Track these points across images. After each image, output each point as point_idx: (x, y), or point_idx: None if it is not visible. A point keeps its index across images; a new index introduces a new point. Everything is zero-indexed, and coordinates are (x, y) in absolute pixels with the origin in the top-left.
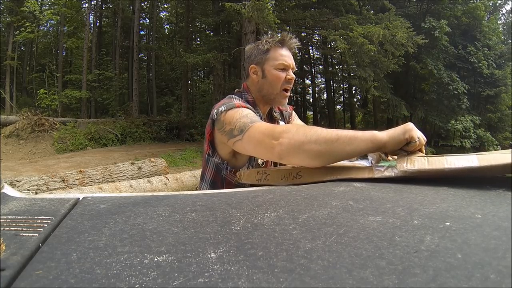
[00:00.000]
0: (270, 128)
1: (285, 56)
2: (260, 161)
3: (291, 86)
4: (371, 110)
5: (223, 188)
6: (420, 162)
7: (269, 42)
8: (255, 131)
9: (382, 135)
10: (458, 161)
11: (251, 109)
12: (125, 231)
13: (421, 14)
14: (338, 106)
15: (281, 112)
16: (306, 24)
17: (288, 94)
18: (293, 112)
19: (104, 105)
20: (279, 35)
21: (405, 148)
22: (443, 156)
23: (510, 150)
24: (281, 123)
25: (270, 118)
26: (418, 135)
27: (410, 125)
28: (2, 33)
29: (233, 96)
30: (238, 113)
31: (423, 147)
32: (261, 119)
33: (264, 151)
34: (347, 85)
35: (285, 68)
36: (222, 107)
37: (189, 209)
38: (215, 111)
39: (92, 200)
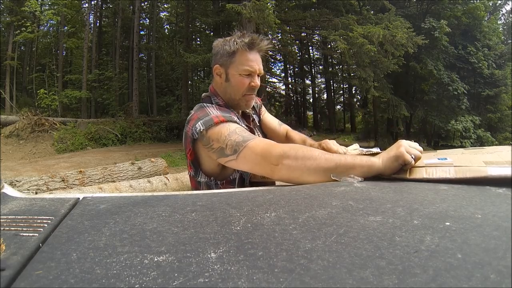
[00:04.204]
0: (266, 149)
1: (252, 61)
2: None
3: (254, 93)
4: (371, 110)
5: None
6: (403, 172)
7: (236, 43)
8: (251, 152)
9: (379, 164)
10: (437, 172)
11: (232, 117)
12: (125, 231)
13: (421, 14)
14: (338, 106)
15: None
16: (306, 24)
17: (252, 96)
18: (263, 107)
19: (104, 105)
20: (250, 35)
21: (403, 168)
22: (424, 167)
23: (486, 162)
24: (255, 117)
25: (244, 115)
26: (413, 153)
27: (401, 149)
28: (2, 33)
29: (205, 105)
30: (225, 128)
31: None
32: (238, 120)
33: (262, 172)
34: (347, 85)
35: (250, 74)
36: (199, 124)
37: (189, 209)
38: (193, 129)
39: (92, 200)
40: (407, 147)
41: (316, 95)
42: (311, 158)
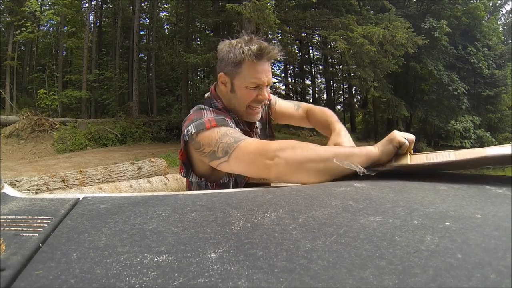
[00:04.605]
0: (260, 146)
1: (260, 73)
2: None
3: (260, 105)
4: (371, 110)
5: None
6: (404, 159)
7: (243, 52)
8: (243, 151)
9: (376, 150)
10: (437, 157)
11: (226, 121)
12: (125, 231)
13: (421, 14)
14: (338, 106)
15: None
16: (306, 24)
17: (258, 110)
18: (272, 99)
19: (104, 105)
20: (258, 42)
21: (399, 152)
22: (424, 153)
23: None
24: (257, 123)
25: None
26: (405, 137)
27: (393, 134)
28: (2, 33)
29: (203, 107)
30: (215, 133)
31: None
32: (237, 124)
33: (258, 171)
34: (347, 85)
35: (258, 86)
36: (191, 127)
37: (189, 209)
38: (185, 131)
39: (92, 200)
40: (399, 133)
41: (316, 95)
42: (309, 149)
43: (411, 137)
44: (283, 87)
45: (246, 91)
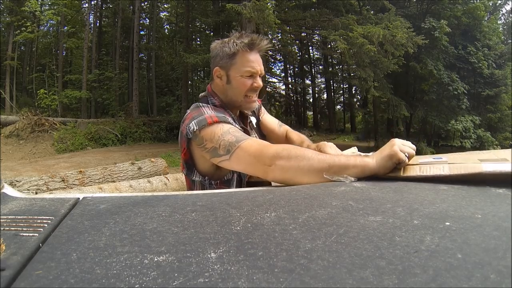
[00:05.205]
0: (259, 150)
1: (253, 62)
2: None
3: (256, 93)
4: (371, 110)
5: None
6: (396, 170)
7: (236, 45)
8: (244, 153)
9: (373, 163)
10: (431, 170)
11: (226, 118)
12: (125, 231)
13: (421, 14)
14: (338, 106)
15: None
16: (306, 24)
17: (254, 98)
18: (262, 108)
19: (104, 105)
20: (248, 35)
21: (397, 167)
22: (418, 164)
23: (481, 159)
24: (252, 119)
25: (241, 115)
26: (406, 151)
27: (394, 148)
28: (2, 33)
29: (201, 104)
30: (218, 129)
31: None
32: (234, 121)
33: (256, 173)
34: (347, 85)
35: (252, 75)
36: (193, 124)
37: (189, 209)
38: (187, 129)
39: (92, 200)
40: (400, 146)
41: (316, 95)
42: (304, 158)
43: (412, 152)
44: (283, 87)
45: (241, 80)
